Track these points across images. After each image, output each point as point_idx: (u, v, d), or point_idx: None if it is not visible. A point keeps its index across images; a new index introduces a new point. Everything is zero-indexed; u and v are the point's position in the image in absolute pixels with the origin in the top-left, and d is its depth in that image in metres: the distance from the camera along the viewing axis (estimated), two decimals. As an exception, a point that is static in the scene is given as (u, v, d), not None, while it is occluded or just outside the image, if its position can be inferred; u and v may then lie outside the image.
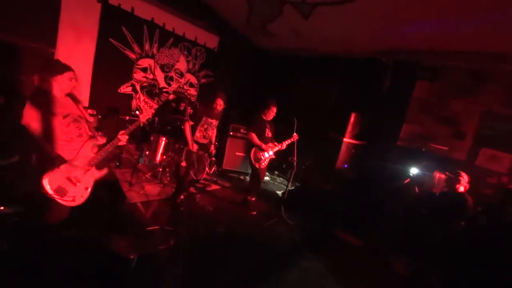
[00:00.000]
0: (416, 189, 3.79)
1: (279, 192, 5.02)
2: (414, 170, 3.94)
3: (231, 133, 5.25)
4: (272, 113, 3.81)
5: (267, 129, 3.82)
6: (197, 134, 3.51)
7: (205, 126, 3.55)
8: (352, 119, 4.66)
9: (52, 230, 2.01)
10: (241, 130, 5.26)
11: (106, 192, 2.22)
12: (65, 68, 1.96)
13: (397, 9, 3.36)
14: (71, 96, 2.05)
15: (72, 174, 1.93)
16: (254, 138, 3.72)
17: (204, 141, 3.61)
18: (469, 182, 3.16)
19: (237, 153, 5.31)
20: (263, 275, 2.77)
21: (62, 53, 3.50)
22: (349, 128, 4.65)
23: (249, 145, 3.87)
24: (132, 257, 2.11)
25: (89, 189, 2.02)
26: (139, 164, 4.24)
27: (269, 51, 6.23)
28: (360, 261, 3.25)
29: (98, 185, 2.09)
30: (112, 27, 3.94)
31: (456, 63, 4.40)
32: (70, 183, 1.91)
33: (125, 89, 4.36)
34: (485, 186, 3.81)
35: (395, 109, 4.70)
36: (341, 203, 4.15)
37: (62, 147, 1.91)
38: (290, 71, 6.19)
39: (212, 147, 3.86)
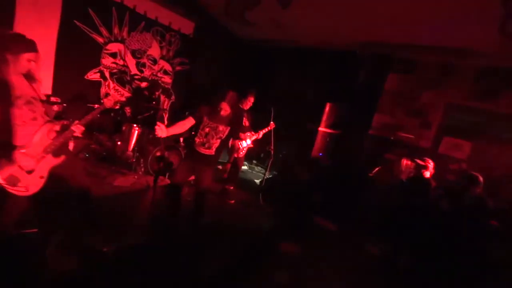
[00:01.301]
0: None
1: (257, 181, 5.07)
2: None
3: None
4: (249, 102, 3.80)
5: (244, 118, 3.80)
6: (196, 139, 2.64)
7: (206, 130, 2.61)
8: (327, 108, 4.78)
9: (12, 225, 1.88)
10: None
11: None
12: (26, 48, 1.72)
13: (373, 2, 3.43)
14: (26, 74, 1.80)
15: (24, 162, 1.76)
16: (232, 127, 3.69)
17: (205, 151, 2.61)
18: (434, 168, 3.39)
19: (214, 143, 5.25)
20: (244, 262, 2.81)
21: (19, 35, 3.18)
22: (324, 117, 4.78)
23: (227, 134, 3.84)
24: (106, 250, 2.05)
25: (45, 178, 1.87)
26: (111, 155, 4.05)
27: (250, 41, 6.13)
28: (337, 245, 3.39)
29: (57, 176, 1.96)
30: (77, 8, 3.62)
31: (427, 57, 4.63)
32: (22, 172, 1.75)
33: (93, 75, 4.09)
34: (447, 172, 4.12)
35: (369, 100, 4.88)
36: (318, 190, 4.28)
37: (17, 132, 1.72)
38: (270, 62, 6.19)
39: (228, 166, 2.86)
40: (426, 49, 4.30)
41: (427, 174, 3.42)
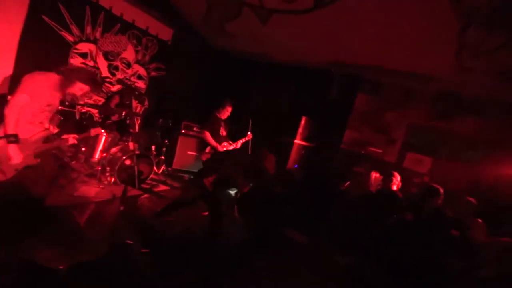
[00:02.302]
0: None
1: (232, 192, 4.96)
2: None
3: (183, 131, 5.01)
4: (227, 112, 3.78)
5: (221, 128, 3.77)
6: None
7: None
8: (302, 122, 4.92)
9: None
10: (194, 129, 5.07)
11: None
12: (86, 79, 2.24)
13: (346, 26, 3.65)
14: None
15: (14, 153, 1.99)
16: (208, 136, 3.63)
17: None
18: (401, 181, 3.60)
19: (188, 152, 5.09)
20: (216, 275, 2.69)
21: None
22: (300, 130, 4.90)
23: (202, 143, 3.76)
24: (60, 268, 1.83)
25: (15, 172, 2.05)
26: (74, 162, 3.73)
27: (227, 52, 6.16)
28: (308, 257, 3.40)
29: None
30: (46, 3, 3.39)
31: (390, 80, 5.02)
32: (6, 159, 1.97)
33: (59, 75, 3.80)
34: (411, 185, 4.40)
35: (341, 116, 5.13)
36: (290, 202, 4.30)
37: (22, 126, 2.01)
38: (247, 75, 6.22)
39: None
40: (391, 72, 4.64)
41: (394, 187, 3.61)
